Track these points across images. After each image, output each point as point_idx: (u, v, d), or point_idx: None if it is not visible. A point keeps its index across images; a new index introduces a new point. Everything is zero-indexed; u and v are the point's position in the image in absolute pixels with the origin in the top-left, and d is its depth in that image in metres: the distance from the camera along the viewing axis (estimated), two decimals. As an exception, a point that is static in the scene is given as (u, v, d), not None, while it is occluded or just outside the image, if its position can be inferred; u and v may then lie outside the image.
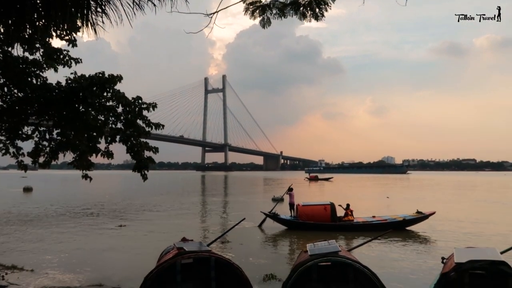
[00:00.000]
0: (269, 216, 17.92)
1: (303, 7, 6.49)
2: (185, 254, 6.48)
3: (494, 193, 43.25)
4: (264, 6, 6.62)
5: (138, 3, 3.88)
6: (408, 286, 8.87)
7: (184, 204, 29.57)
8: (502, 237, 14.72)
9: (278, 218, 17.67)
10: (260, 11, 6.62)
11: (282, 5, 6.58)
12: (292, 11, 6.55)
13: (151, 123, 7.41)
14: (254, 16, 6.65)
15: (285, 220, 17.62)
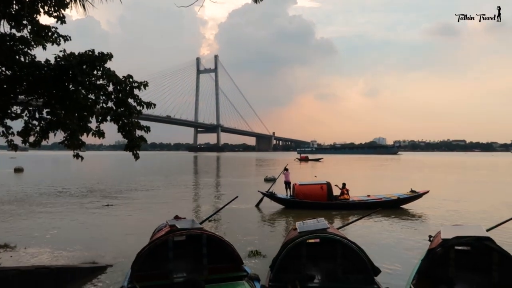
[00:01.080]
0: (266, 196, 18.15)
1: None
2: (177, 231, 6.56)
3: (482, 173, 43.93)
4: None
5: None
6: (396, 262, 9.07)
7: (176, 184, 29.67)
8: (489, 215, 15.05)
9: (275, 197, 17.94)
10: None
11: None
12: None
13: (142, 102, 7.36)
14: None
15: (282, 199, 17.88)
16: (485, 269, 5.65)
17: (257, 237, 11.71)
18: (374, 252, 9.40)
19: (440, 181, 32.20)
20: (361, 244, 8.74)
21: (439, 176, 39.22)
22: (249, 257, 9.31)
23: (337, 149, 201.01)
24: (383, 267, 8.12)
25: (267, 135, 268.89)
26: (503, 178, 36.90)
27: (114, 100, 7.28)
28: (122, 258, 8.91)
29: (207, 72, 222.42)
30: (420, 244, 10.22)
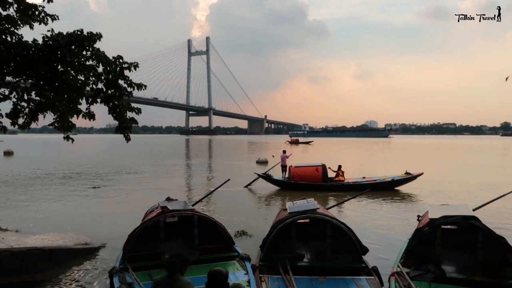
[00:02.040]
0: (262, 177, 18.37)
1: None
2: (169, 212, 6.61)
3: (470, 156, 44.52)
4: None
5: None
6: (385, 241, 9.26)
7: (168, 167, 29.66)
8: (475, 195, 15.34)
9: (271, 178, 18.17)
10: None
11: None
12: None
13: (133, 84, 7.29)
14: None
15: (278, 181, 18.11)
16: (470, 248, 5.81)
17: (246, 218, 11.82)
18: (365, 232, 9.63)
19: (430, 163, 32.56)
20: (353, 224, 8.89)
21: (429, 158, 39.67)
22: (235, 237, 9.42)
23: (329, 132, 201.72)
24: (372, 246, 8.30)
25: (259, 118, 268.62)
26: (488, 160, 37.44)
27: (104, 81, 7.20)
28: (114, 239, 8.95)
29: (198, 54, 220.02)
30: (410, 224, 10.42)
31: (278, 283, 5.59)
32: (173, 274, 3.66)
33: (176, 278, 3.65)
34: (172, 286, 3.61)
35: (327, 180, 17.09)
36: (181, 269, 3.71)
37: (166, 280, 3.68)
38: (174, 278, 3.64)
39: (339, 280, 5.68)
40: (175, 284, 3.61)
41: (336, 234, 6.41)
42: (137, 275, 5.69)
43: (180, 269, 3.70)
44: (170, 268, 3.69)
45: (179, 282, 3.62)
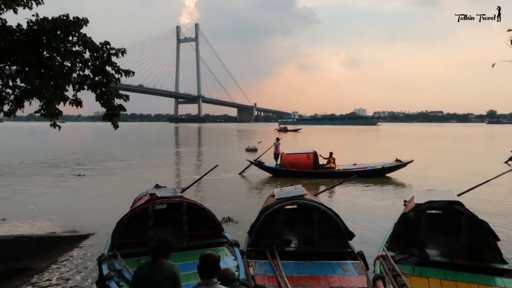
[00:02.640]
0: (254, 164, 18.52)
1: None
2: (158, 199, 6.63)
3: (456, 144, 45.16)
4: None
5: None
6: (372, 226, 9.43)
7: (156, 155, 29.54)
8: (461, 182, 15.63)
9: (262, 165, 18.34)
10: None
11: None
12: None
13: (120, 70, 7.19)
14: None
15: (270, 168, 18.29)
16: (454, 232, 5.96)
17: (234, 205, 11.90)
18: (353, 218, 9.80)
19: (418, 151, 32.95)
20: (341, 210, 9.02)
21: (416, 146, 40.14)
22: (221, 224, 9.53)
23: (318, 120, 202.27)
24: (360, 231, 8.46)
25: (249, 106, 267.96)
26: (474, 148, 38.02)
27: (91, 67, 7.09)
28: (103, 227, 8.95)
29: (187, 41, 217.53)
30: (397, 210, 10.62)
31: (265, 267, 5.69)
32: (157, 258, 3.70)
33: (160, 261, 3.68)
34: (156, 269, 3.64)
35: (318, 167, 17.30)
36: (165, 253, 3.74)
37: (150, 264, 3.72)
38: (158, 262, 3.68)
39: (325, 264, 5.80)
40: (159, 267, 3.64)
41: (323, 220, 6.52)
42: (126, 262, 5.73)
43: (164, 253, 3.73)
44: (153, 252, 3.73)
45: (162, 265, 3.66)
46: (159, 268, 3.64)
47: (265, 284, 5.15)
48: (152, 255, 3.74)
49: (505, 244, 6.66)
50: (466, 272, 5.33)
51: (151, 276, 3.64)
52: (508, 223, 9.73)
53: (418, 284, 5.00)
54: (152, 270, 3.66)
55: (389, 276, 5.08)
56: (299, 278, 5.39)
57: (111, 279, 5.24)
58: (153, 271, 3.65)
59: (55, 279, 6.47)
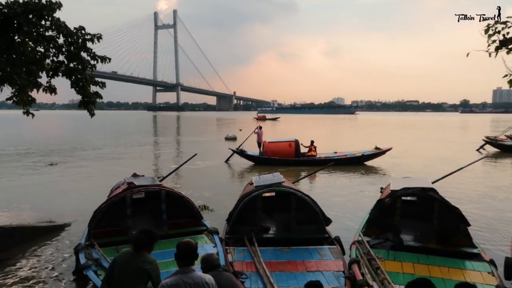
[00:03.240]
0: (236, 152, 18.63)
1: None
2: (135, 188, 6.57)
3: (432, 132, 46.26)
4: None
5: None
6: (348, 212, 9.63)
7: (134, 144, 29.14)
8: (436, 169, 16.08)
9: (245, 154, 18.45)
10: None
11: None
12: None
13: (96, 56, 7.02)
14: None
15: (252, 156, 18.42)
16: (427, 217, 6.15)
17: (211, 193, 11.92)
18: (331, 204, 10.00)
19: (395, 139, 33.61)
20: (320, 197, 9.16)
21: (393, 134, 40.92)
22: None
23: (297, 109, 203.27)
24: (338, 217, 8.64)
25: (228, 95, 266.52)
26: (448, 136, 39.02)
27: (65, 53, 6.89)
28: (79, 216, 8.82)
29: (165, 28, 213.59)
30: (374, 196, 10.86)
31: (244, 254, 5.76)
32: (138, 251, 3.64)
33: (141, 254, 3.62)
34: (134, 261, 3.59)
35: (299, 155, 17.51)
36: (147, 246, 3.68)
37: (130, 255, 3.66)
38: (139, 255, 3.62)
39: (303, 250, 5.91)
40: (138, 260, 3.59)
41: (301, 207, 6.61)
42: (104, 251, 5.68)
43: (146, 246, 3.67)
44: (135, 245, 3.66)
45: (142, 258, 3.60)
46: (138, 261, 3.58)
47: (243, 270, 5.21)
48: (133, 247, 3.68)
49: (475, 229, 6.94)
50: (438, 256, 5.52)
51: (127, 267, 3.60)
52: (478, 209, 10.10)
53: (392, 268, 5.15)
54: (130, 261, 3.61)
55: (364, 260, 5.22)
56: (277, 263, 5.48)
57: (88, 268, 5.19)
58: (130, 263, 3.60)
59: (30, 270, 6.36)
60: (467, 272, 5.11)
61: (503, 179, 14.92)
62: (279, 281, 4.90)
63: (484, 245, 6.45)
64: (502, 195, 12.01)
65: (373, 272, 4.91)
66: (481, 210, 10.02)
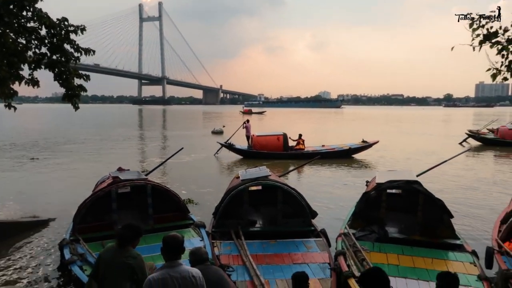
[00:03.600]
0: (224, 146, 18.61)
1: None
2: (121, 182, 6.51)
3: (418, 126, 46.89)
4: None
5: None
6: (334, 205, 9.72)
7: (119, 138, 28.81)
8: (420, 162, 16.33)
9: (233, 147, 18.44)
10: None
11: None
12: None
13: (80, 48, 6.89)
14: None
15: (240, 150, 18.45)
16: (412, 210, 6.25)
17: (197, 186, 11.89)
18: (318, 197, 10.09)
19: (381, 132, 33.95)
20: (307, 190, 9.21)
21: (379, 128, 41.32)
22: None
23: (284, 103, 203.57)
24: (325, 210, 8.73)
25: (215, 88, 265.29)
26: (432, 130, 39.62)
27: (48, 45, 6.75)
28: (64, 211, 8.68)
29: (150, 20, 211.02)
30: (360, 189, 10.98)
31: (230, 247, 5.78)
32: (123, 246, 3.61)
33: (126, 249, 3.60)
34: (118, 256, 3.57)
35: (288, 148, 17.59)
36: (131, 241, 3.66)
37: (115, 250, 3.63)
38: (124, 250, 3.60)
39: (289, 242, 5.96)
40: (123, 255, 3.57)
41: (287, 200, 6.66)
42: (89, 246, 5.63)
43: (130, 241, 3.65)
44: (119, 240, 3.64)
45: (127, 253, 3.58)
46: (122, 256, 3.56)
47: (230, 263, 5.23)
48: (117, 242, 3.65)
49: (457, 221, 7.07)
50: (422, 248, 5.63)
51: (111, 262, 3.58)
52: (460, 201, 10.30)
53: (377, 259, 5.23)
54: (114, 257, 3.58)
55: (350, 252, 5.30)
56: (263, 256, 5.51)
57: (73, 263, 5.14)
58: (114, 257, 3.58)
59: (14, 266, 6.26)
60: (450, 262, 5.23)
61: (484, 172, 15.24)
62: (265, 274, 4.93)
63: (467, 236, 6.60)
64: (483, 187, 12.27)
65: (359, 263, 4.99)
66: (463, 202, 10.22)
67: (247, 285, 4.72)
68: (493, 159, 19.23)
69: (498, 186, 12.31)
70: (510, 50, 4.05)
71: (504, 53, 4.10)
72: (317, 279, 4.77)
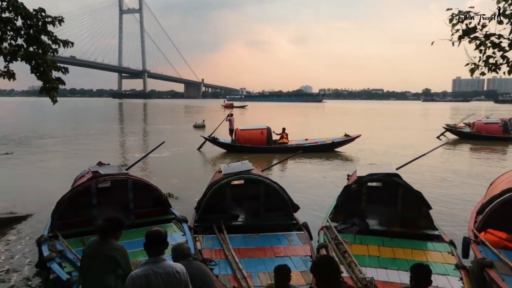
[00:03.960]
0: (208, 140, 18.52)
1: None
2: (101, 177, 6.40)
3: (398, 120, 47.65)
4: None
5: None
6: (317, 198, 9.81)
7: (99, 132, 28.32)
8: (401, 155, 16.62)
9: (217, 141, 18.37)
10: None
11: None
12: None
13: (58, 40, 6.71)
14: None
15: (224, 143, 18.40)
16: (392, 202, 6.36)
17: (179, 180, 11.84)
18: (301, 191, 10.14)
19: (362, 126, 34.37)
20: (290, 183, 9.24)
21: (360, 122, 41.80)
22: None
23: (266, 97, 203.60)
24: (307, 204, 8.79)
25: (196, 82, 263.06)
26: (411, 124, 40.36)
27: (24, 36, 6.55)
28: (42, 207, 8.49)
29: (131, 13, 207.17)
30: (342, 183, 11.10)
31: (213, 241, 5.78)
32: (105, 239, 3.58)
33: (108, 242, 3.57)
34: (102, 250, 3.53)
35: (271, 142, 17.65)
36: (113, 233, 3.63)
37: (97, 244, 3.60)
38: (105, 242, 3.57)
39: (271, 236, 6.00)
40: (105, 247, 3.54)
41: (269, 194, 6.68)
42: (68, 242, 5.53)
43: (111, 234, 3.62)
44: (101, 233, 3.61)
45: (109, 246, 3.55)
46: (104, 249, 3.53)
47: (212, 257, 5.23)
48: (99, 235, 3.62)
49: (435, 212, 7.24)
50: (402, 239, 5.75)
51: (94, 255, 3.55)
52: (438, 192, 10.55)
53: (358, 251, 5.32)
54: (97, 250, 3.55)
55: (332, 245, 5.37)
56: (246, 250, 5.53)
57: (52, 260, 5.04)
58: (97, 251, 3.55)
59: (-9, 263, 6.11)
60: (428, 252, 5.36)
61: (461, 164, 15.63)
62: (248, 267, 4.95)
63: (444, 227, 6.76)
64: (460, 179, 12.59)
65: (341, 255, 5.06)
66: (441, 194, 10.47)
67: (230, 278, 4.73)
68: (469, 152, 19.74)
69: (474, 179, 12.65)
70: (487, 46, 4.14)
71: (481, 48, 4.19)
72: (299, 272, 4.82)
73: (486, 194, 6.99)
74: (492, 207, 5.74)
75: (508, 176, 6.73)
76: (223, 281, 4.63)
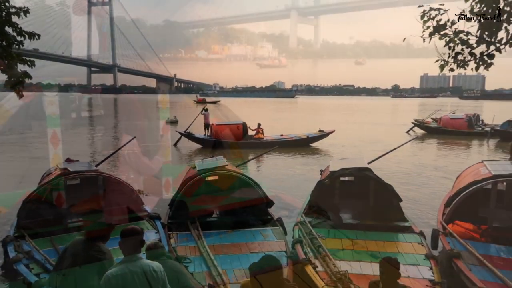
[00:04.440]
0: (184, 135, 18.35)
1: None
2: (70, 174, 6.22)
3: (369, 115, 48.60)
4: None
5: None
6: (293, 194, 9.85)
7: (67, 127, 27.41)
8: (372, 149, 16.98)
9: (192, 137, 18.24)
10: None
11: None
12: None
13: (23, 32, 6.42)
14: None
15: (199, 139, 18.31)
16: (364, 196, 6.49)
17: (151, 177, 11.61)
18: (275, 186, 10.19)
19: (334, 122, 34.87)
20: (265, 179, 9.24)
21: (332, 117, 42.41)
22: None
23: (239, 92, 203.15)
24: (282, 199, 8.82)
25: (168, 77, 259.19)
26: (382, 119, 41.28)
27: (-15, 27, 6.24)
28: (9, 207, 8.16)
29: (100, 5, 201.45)
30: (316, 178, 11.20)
31: (187, 238, 5.73)
32: (94, 241, 3.54)
33: (94, 244, 3.52)
34: (89, 251, 3.47)
35: (247, 137, 17.69)
36: (102, 240, 3.61)
37: (83, 244, 3.54)
38: (92, 244, 3.52)
39: (246, 232, 6.00)
40: (93, 248, 3.48)
41: (244, 189, 6.68)
42: (36, 242, 5.34)
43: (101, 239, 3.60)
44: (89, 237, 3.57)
45: (96, 247, 3.49)
46: (91, 249, 3.48)
47: (187, 255, 5.18)
48: (86, 236, 3.58)
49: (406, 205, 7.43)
50: (374, 232, 5.88)
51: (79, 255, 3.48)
52: (408, 185, 10.85)
53: (332, 245, 5.40)
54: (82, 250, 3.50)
55: (307, 240, 5.43)
56: (220, 246, 5.51)
57: (19, 261, 4.84)
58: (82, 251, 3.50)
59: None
60: (400, 244, 5.50)
61: (429, 158, 16.15)
62: (223, 264, 4.93)
63: (414, 219, 6.95)
64: (428, 172, 13.01)
65: (315, 250, 5.12)
66: (410, 186, 10.78)
67: (205, 276, 4.70)
68: (436, 146, 20.41)
69: (441, 172, 13.10)
70: (456, 42, 4.26)
71: (451, 45, 4.30)
72: (274, 267, 4.83)
73: (453, 187, 7.22)
74: (459, 200, 5.95)
75: (473, 169, 6.98)
76: (198, 279, 4.59)
